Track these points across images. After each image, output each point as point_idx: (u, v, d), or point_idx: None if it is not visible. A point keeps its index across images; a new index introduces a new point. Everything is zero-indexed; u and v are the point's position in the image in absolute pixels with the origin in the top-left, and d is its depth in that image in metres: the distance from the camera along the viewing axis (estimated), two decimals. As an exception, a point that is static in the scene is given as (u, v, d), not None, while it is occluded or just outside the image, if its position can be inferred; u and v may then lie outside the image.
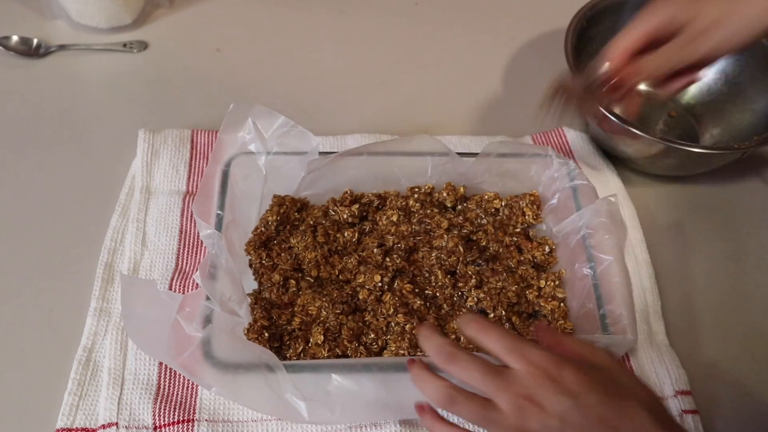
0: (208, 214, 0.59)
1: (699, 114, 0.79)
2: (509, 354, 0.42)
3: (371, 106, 0.80)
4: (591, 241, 0.59)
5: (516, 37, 0.89)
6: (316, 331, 0.56)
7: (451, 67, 0.85)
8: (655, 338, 0.61)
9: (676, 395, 0.57)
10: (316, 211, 0.64)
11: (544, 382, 0.40)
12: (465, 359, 0.43)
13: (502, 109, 0.81)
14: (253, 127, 0.64)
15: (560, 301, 0.60)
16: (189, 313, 0.53)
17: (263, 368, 0.50)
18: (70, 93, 0.78)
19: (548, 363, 0.41)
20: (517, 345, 0.42)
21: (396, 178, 0.66)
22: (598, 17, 0.77)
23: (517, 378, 0.41)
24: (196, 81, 0.81)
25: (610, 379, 0.42)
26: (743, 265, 0.67)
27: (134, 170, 0.69)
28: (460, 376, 0.43)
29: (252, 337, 0.55)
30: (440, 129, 0.75)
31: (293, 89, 0.80)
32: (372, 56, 0.86)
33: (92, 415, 0.54)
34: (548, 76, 0.83)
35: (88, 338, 0.57)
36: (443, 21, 0.91)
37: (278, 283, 0.59)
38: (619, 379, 0.42)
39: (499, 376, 0.41)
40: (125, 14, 0.83)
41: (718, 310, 0.64)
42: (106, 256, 0.63)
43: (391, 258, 0.61)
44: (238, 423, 0.54)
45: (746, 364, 0.61)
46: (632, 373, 0.43)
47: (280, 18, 0.89)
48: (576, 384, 0.40)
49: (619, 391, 0.41)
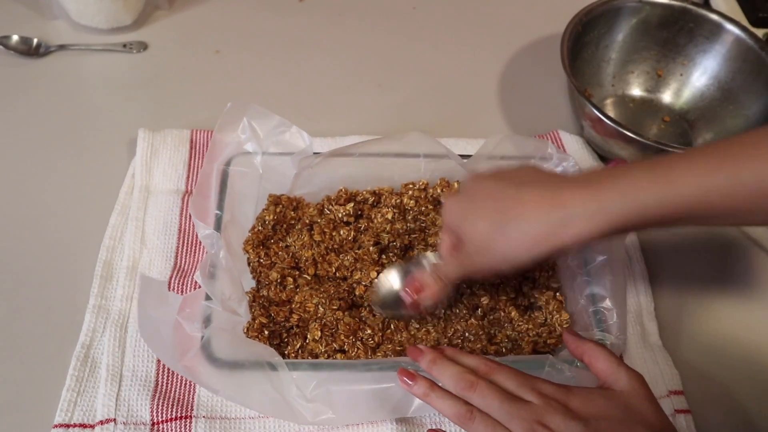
0: (205, 214, 0.60)
1: (692, 119, 0.80)
2: (521, 388, 0.45)
3: (368, 109, 0.80)
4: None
5: (512, 41, 0.90)
6: (313, 327, 0.56)
7: (448, 71, 0.86)
8: (648, 339, 0.61)
9: (669, 395, 0.58)
10: (311, 210, 0.64)
11: (556, 409, 0.43)
12: (483, 387, 0.45)
13: (499, 113, 0.81)
14: (248, 127, 0.64)
15: (555, 291, 0.61)
16: (189, 313, 0.54)
17: (266, 367, 0.51)
18: (70, 93, 0.79)
19: (559, 393, 0.44)
20: (528, 380, 0.45)
21: (390, 174, 0.67)
22: (594, 23, 0.78)
23: (531, 406, 0.43)
24: (195, 82, 0.81)
25: (623, 404, 0.44)
26: (736, 266, 0.68)
27: (133, 169, 0.69)
28: (478, 402, 0.44)
29: (252, 335, 0.56)
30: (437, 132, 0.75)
31: (291, 91, 0.81)
32: (369, 60, 0.86)
33: (90, 411, 0.54)
34: (544, 80, 0.84)
35: (86, 335, 0.58)
36: (440, 25, 0.92)
37: (276, 281, 0.60)
38: (630, 404, 0.44)
39: (515, 403, 0.44)
40: (125, 15, 0.84)
41: (711, 311, 0.65)
42: (105, 254, 0.63)
43: (387, 256, 0.62)
44: (236, 420, 0.54)
45: (738, 365, 0.61)
46: (650, 397, 0.45)
47: (279, 21, 0.90)
48: (585, 411, 0.43)
49: (629, 417, 0.43)
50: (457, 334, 0.58)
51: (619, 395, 0.44)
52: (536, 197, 0.47)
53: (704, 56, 0.79)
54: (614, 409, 0.43)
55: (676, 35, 0.80)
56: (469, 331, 0.58)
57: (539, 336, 0.58)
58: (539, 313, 0.60)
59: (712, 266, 0.68)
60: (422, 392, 0.47)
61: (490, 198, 0.49)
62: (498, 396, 0.44)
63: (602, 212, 0.45)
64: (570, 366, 0.51)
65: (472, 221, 0.50)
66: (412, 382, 0.47)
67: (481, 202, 0.50)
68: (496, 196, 0.49)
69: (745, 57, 0.76)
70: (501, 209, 0.48)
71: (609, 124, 0.68)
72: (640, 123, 0.81)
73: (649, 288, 0.65)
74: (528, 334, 0.58)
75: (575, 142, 0.76)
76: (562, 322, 0.58)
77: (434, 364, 0.48)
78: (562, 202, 0.46)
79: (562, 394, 0.44)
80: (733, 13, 0.88)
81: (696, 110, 0.80)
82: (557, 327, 0.58)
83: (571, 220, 0.45)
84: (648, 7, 0.80)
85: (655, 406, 0.44)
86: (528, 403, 0.43)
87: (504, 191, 0.49)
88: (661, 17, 0.80)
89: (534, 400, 0.43)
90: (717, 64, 0.79)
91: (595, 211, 0.45)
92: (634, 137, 0.66)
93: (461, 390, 0.45)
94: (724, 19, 0.77)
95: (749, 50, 0.76)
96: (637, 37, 0.81)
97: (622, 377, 0.45)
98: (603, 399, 0.44)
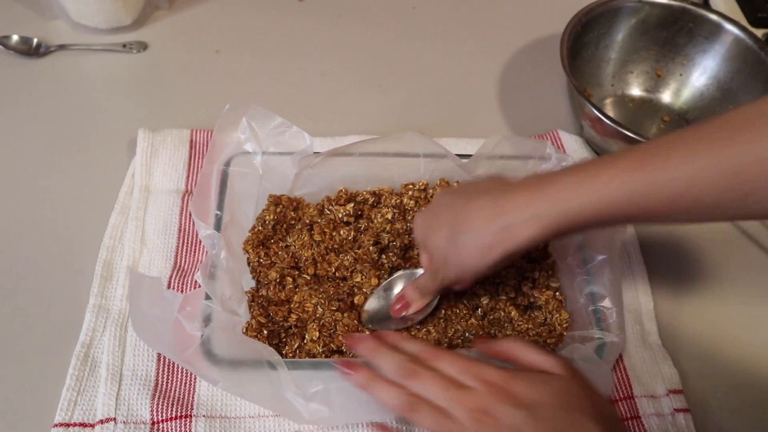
0: (205, 214, 0.60)
1: (692, 119, 0.81)
2: (464, 374, 0.44)
3: (369, 109, 0.80)
4: (585, 239, 0.60)
5: (512, 41, 0.90)
6: (311, 328, 0.56)
7: (447, 71, 0.86)
8: (647, 338, 0.61)
9: (668, 394, 0.58)
10: (311, 210, 0.64)
11: (500, 396, 0.42)
12: (425, 374, 0.44)
13: (498, 113, 0.81)
14: (248, 127, 0.65)
15: (555, 290, 0.61)
16: (190, 312, 0.54)
17: (265, 365, 0.51)
18: (70, 93, 0.79)
19: (502, 379, 0.43)
20: (471, 366, 0.45)
21: (390, 175, 0.67)
22: (593, 23, 0.79)
23: (475, 393, 0.43)
24: (195, 82, 0.81)
25: (564, 390, 0.43)
26: (735, 265, 0.68)
27: (133, 169, 0.69)
28: (420, 390, 0.44)
29: (251, 335, 0.56)
30: (436, 132, 0.76)
31: (291, 91, 0.81)
32: (369, 59, 0.86)
33: (90, 410, 0.54)
34: (544, 80, 0.85)
35: (86, 334, 0.58)
36: (440, 25, 0.92)
37: (275, 281, 0.60)
38: (572, 390, 0.43)
39: (458, 390, 0.43)
40: (125, 15, 0.84)
41: (710, 310, 0.65)
42: (105, 253, 0.63)
43: (387, 256, 0.62)
44: (236, 419, 0.54)
45: (737, 364, 0.61)
46: (586, 383, 0.45)
47: (279, 21, 0.90)
48: (529, 397, 0.42)
49: (571, 403, 0.42)
50: (458, 334, 0.58)
51: (559, 380, 0.44)
52: (481, 207, 0.49)
53: (704, 56, 0.80)
54: (556, 395, 0.43)
55: (675, 35, 0.80)
56: (469, 331, 0.58)
57: (539, 335, 0.58)
58: (539, 312, 0.60)
59: (711, 265, 0.68)
60: (363, 382, 0.46)
61: (446, 212, 0.51)
62: (440, 383, 0.44)
63: (537, 218, 0.46)
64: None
65: (433, 236, 0.52)
66: (351, 371, 0.47)
67: (439, 216, 0.52)
68: (450, 210, 0.51)
69: (744, 57, 0.76)
70: (453, 222, 0.50)
71: (608, 124, 0.68)
72: (639, 123, 0.81)
73: (648, 287, 0.65)
74: (528, 334, 0.58)
75: (575, 142, 0.76)
76: (562, 322, 0.58)
77: (374, 352, 0.47)
78: (503, 210, 0.48)
79: (505, 379, 0.43)
80: (733, 13, 0.88)
81: (695, 110, 0.81)
82: (557, 326, 0.59)
83: (512, 227, 0.47)
84: (647, 7, 0.80)
85: (593, 392, 0.44)
86: (471, 390, 0.43)
87: (456, 205, 0.51)
88: (660, 17, 0.80)
89: (477, 387, 0.43)
90: (716, 64, 0.79)
91: (531, 216, 0.46)
92: (634, 137, 0.66)
93: (402, 378, 0.45)
94: (723, 19, 0.78)
95: (748, 50, 0.76)
96: (637, 37, 0.81)
97: (558, 364, 0.45)
98: (546, 384, 0.43)
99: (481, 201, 0.49)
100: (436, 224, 0.52)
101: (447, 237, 0.50)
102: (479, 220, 0.48)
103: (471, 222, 0.49)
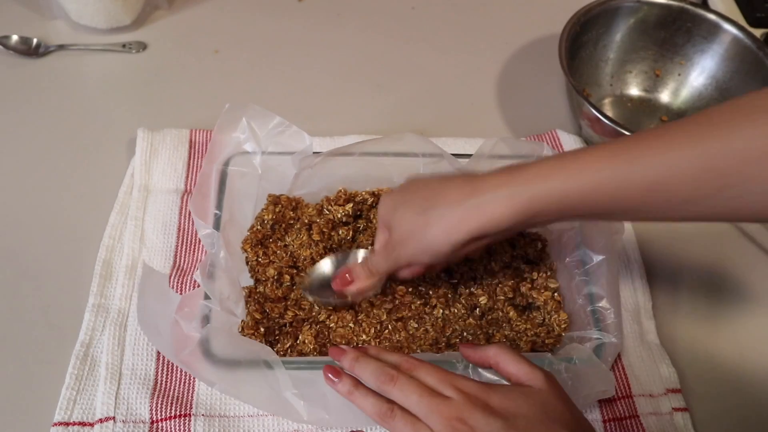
0: (204, 213, 0.60)
1: (690, 118, 0.81)
2: (442, 383, 0.45)
3: (368, 109, 0.80)
4: (583, 239, 0.60)
5: (511, 41, 0.90)
6: (306, 330, 0.57)
7: (447, 71, 0.86)
8: (645, 337, 0.62)
9: (667, 393, 0.58)
10: (310, 210, 0.65)
11: (476, 406, 0.43)
12: (402, 381, 0.46)
13: (497, 112, 0.82)
14: (247, 126, 0.65)
15: (553, 291, 0.61)
16: (188, 312, 0.54)
17: (261, 365, 0.51)
18: (70, 93, 0.79)
19: (480, 390, 0.44)
20: (448, 377, 0.46)
21: (389, 175, 0.67)
22: (592, 22, 0.79)
23: (452, 402, 0.43)
24: (195, 82, 0.82)
25: (541, 402, 0.44)
26: (734, 265, 0.68)
27: (133, 168, 0.70)
28: (398, 398, 0.45)
29: (248, 333, 0.56)
30: (436, 131, 0.76)
31: (291, 91, 0.81)
32: (369, 60, 0.86)
33: (89, 409, 0.54)
34: (543, 80, 0.85)
35: (85, 334, 0.58)
36: (439, 25, 0.92)
37: (273, 278, 0.60)
38: (549, 403, 0.44)
39: (435, 399, 0.44)
40: (124, 15, 0.84)
41: (708, 309, 0.65)
42: (104, 253, 0.63)
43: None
44: (235, 418, 0.55)
45: (735, 363, 0.62)
46: (565, 397, 0.46)
47: (278, 21, 0.90)
48: (506, 408, 0.43)
49: (547, 415, 0.43)
50: (456, 334, 0.58)
51: (537, 393, 0.44)
52: (457, 187, 0.49)
53: (702, 56, 0.80)
54: (533, 407, 0.43)
55: (674, 35, 0.80)
56: (467, 330, 0.58)
57: (537, 336, 0.58)
58: (537, 313, 0.60)
59: (709, 265, 0.68)
60: (346, 390, 0.48)
61: (420, 191, 0.52)
62: (417, 390, 0.45)
63: (508, 198, 0.46)
64: (569, 364, 0.52)
65: (401, 211, 0.52)
66: (337, 379, 0.48)
67: (411, 194, 0.52)
68: (425, 188, 0.52)
69: (742, 57, 0.77)
70: (427, 197, 0.50)
71: (607, 124, 0.68)
72: (638, 123, 0.81)
73: (646, 287, 0.65)
74: (526, 334, 0.59)
75: (573, 142, 0.76)
76: (561, 322, 0.59)
77: (356, 362, 0.49)
78: (479, 190, 0.48)
79: (482, 391, 0.44)
80: (731, 13, 0.88)
81: (694, 110, 0.81)
82: (555, 327, 0.59)
83: (483, 205, 0.47)
84: (646, 6, 0.80)
85: (571, 405, 0.45)
86: (448, 399, 0.44)
87: (431, 184, 0.52)
88: (659, 17, 0.80)
89: (454, 396, 0.44)
90: (715, 63, 0.79)
91: (505, 196, 0.46)
92: (632, 137, 0.66)
93: (381, 384, 0.46)
94: (721, 19, 0.78)
95: (747, 50, 0.76)
96: (635, 37, 0.82)
97: (537, 377, 0.45)
98: (522, 397, 0.44)
99: (458, 181, 0.50)
100: (407, 200, 0.52)
101: (416, 212, 0.50)
102: (455, 195, 0.49)
103: (446, 197, 0.49)
